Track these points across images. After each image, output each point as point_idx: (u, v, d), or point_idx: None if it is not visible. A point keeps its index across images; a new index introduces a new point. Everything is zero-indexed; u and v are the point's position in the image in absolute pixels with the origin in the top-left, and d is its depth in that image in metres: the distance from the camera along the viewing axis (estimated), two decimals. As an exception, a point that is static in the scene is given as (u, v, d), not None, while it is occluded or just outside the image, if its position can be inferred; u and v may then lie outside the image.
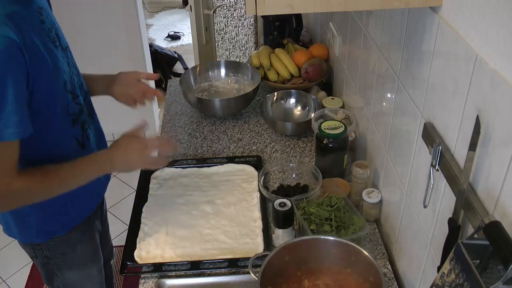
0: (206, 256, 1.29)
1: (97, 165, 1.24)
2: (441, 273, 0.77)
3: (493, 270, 0.70)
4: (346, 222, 1.27)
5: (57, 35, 1.22)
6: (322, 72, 1.97)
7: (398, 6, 0.90)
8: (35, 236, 1.36)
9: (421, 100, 1.04)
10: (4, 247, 2.69)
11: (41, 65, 1.10)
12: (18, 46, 1.01)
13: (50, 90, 1.15)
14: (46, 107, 1.15)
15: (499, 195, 0.75)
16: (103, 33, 3.09)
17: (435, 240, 1.01)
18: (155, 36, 5.33)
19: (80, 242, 1.43)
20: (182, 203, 1.47)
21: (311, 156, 1.68)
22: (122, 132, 1.28)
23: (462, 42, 0.84)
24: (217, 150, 1.73)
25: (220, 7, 2.82)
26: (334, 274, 1.12)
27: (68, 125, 1.24)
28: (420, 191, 1.07)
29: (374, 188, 1.39)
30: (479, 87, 0.79)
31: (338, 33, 1.82)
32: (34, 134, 1.10)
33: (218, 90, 2.01)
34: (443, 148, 0.92)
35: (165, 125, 1.90)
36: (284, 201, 1.25)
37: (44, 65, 1.11)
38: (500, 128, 0.74)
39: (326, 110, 1.70)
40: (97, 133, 1.42)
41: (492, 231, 0.68)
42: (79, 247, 1.44)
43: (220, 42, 2.95)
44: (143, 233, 1.37)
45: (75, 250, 1.43)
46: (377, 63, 1.35)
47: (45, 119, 1.16)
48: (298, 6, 0.89)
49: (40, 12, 1.15)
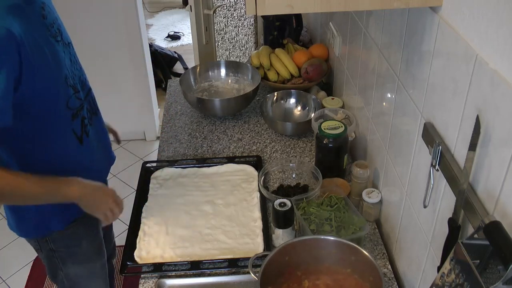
0: (206, 256, 1.29)
1: (58, 181, 1.21)
2: (441, 273, 0.77)
3: (493, 270, 0.70)
4: (346, 222, 1.27)
5: (59, 30, 1.24)
6: (322, 72, 1.97)
7: (398, 6, 0.90)
8: (34, 231, 1.36)
9: (421, 100, 1.04)
10: (4, 247, 2.69)
11: (40, 58, 1.11)
12: (15, 39, 1.02)
13: (50, 83, 1.16)
14: (46, 99, 1.17)
15: (499, 195, 0.75)
16: (103, 33, 3.09)
17: (435, 240, 1.01)
18: (155, 36, 5.33)
19: (86, 237, 1.45)
20: (182, 203, 1.47)
21: (311, 156, 1.68)
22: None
23: (462, 42, 0.84)
24: (217, 150, 1.73)
25: (220, 7, 2.82)
26: (334, 274, 1.12)
27: (67, 119, 1.25)
28: (420, 191, 1.07)
29: (374, 188, 1.39)
30: (479, 87, 0.79)
31: (338, 33, 1.82)
32: (34, 126, 1.13)
33: (218, 90, 2.01)
34: (443, 148, 0.92)
35: (165, 125, 1.90)
36: (284, 201, 1.25)
37: (43, 58, 1.13)
38: (500, 128, 0.74)
39: (326, 110, 1.70)
40: (99, 132, 1.43)
41: (492, 231, 0.68)
42: (84, 242, 1.45)
43: (220, 42, 2.95)
44: (143, 233, 1.37)
45: (80, 244, 1.45)
46: (377, 63, 1.35)
47: (45, 111, 1.18)
48: (298, 6, 0.89)
49: (43, 7, 1.18)
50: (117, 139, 1.68)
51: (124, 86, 3.33)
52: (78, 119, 1.29)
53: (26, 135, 1.14)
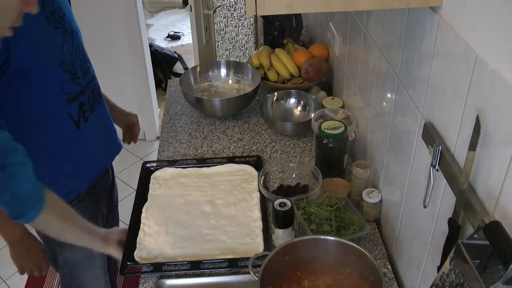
0: (206, 256, 1.29)
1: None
2: (441, 273, 0.77)
3: (493, 270, 0.70)
4: (346, 222, 1.27)
5: (62, 18, 1.28)
6: (322, 72, 1.97)
7: (398, 6, 0.90)
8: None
9: (421, 100, 1.04)
10: (4, 247, 2.68)
11: (31, 40, 1.16)
12: None
13: (41, 65, 1.21)
14: (36, 80, 1.21)
15: (499, 195, 0.75)
16: (103, 33, 3.09)
17: (435, 240, 1.01)
18: (155, 36, 5.33)
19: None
20: (182, 203, 1.47)
21: (311, 156, 1.68)
22: None
23: (462, 42, 0.84)
24: (217, 150, 1.73)
25: (220, 7, 2.82)
26: (334, 274, 1.12)
27: (62, 103, 1.29)
28: (420, 191, 1.07)
29: (374, 188, 1.39)
30: (479, 87, 0.79)
31: (338, 33, 1.82)
32: (25, 105, 1.19)
33: (218, 90, 2.01)
34: (443, 148, 0.92)
35: (165, 125, 1.90)
36: (284, 201, 1.25)
37: (35, 40, 1.18)
38: (500, 128, 0.74)
39: (326, 110, 1.70)
40: (102, 120, 1.46)
41: (492, 231, 0.68)
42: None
43: (220, 42, 2.95)
44: (143, 233, 1.37)
45: None
46: (377, 63, 1.35)
47: (36, 91, 1.22)
48: (298, 6, 0.89)
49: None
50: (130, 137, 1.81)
51: (124, 86, 3.32)
52: (75, 104, 1.32)
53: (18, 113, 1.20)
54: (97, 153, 1.47)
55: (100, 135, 1.46)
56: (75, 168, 1.40)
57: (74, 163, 1.39)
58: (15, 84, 1.18)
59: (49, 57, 1.23)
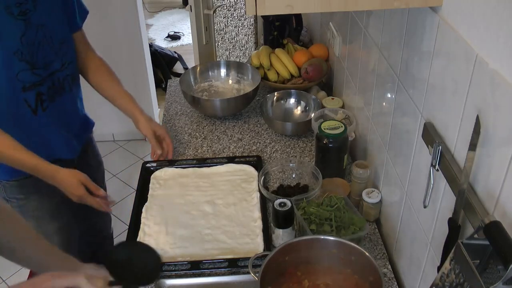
0: (206, 256, 1.29)
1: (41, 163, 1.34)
2: (441, 273, 0.77)
3: (493, 270, 0.70)
4: (346, 222, 1.27)
5: (29, 10, 1.31)
6: (322, 72, 1.97)
7: (398, 6, 0.90)
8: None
9: (421, 100, 1.04)
10: (4, 247, 2.69)
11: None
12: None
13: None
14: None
15: (499, 195, 0.75)
16: (103, 33, 3.09)
17: (435, 240, 1.01)
18: (155, 36, 5.33)
19: (35, 192, 1.50)
20: (182, 203, 1.47)
21: (311, 156, 1.68)
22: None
23: (462, 42, 0.84)
24: (217, 150, 1.73)
25: (220, 7, 2.82)
26: (334, 274, 1.12)
27: (17, 88, 1.34)
28: (420, 191, 1.07)
29: (374, 188, 1.39)
30: (479, 87, 0.79)
31: (338, 33, 1.82)
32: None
33: (218, 90, 2.01)
34: (443, 148, 0.92)
35: (165, 125, 1.90)
36: (284, 201, 1.25)
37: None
38: (500, 128, 0.74)
39: (326, 110, 1.70)
40: (62, 112, 1.48)
41: (492, 231, 0.68)
42: (34, 197, 1.50)
43: (220, 42, 2.95)
44: (143, 233, 1.37)
45: (28, 198, 1.50)
46: (377, 63, 1.35)
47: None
48: (298, 6, 0.89)
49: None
50: (161, 149, 1.62)
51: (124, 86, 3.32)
52: (31, 92, 1.37)
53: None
54: (54, 140, 1.49)
55: (59, 125, 1.48)
56: (30, 149, 1.38)
57: (29, 144, 1.38)
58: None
59: (2, 45, 1.27)
